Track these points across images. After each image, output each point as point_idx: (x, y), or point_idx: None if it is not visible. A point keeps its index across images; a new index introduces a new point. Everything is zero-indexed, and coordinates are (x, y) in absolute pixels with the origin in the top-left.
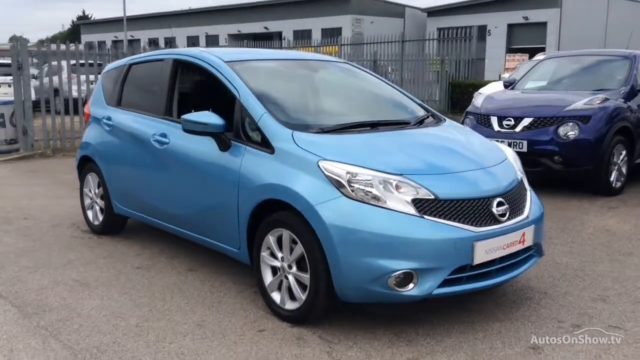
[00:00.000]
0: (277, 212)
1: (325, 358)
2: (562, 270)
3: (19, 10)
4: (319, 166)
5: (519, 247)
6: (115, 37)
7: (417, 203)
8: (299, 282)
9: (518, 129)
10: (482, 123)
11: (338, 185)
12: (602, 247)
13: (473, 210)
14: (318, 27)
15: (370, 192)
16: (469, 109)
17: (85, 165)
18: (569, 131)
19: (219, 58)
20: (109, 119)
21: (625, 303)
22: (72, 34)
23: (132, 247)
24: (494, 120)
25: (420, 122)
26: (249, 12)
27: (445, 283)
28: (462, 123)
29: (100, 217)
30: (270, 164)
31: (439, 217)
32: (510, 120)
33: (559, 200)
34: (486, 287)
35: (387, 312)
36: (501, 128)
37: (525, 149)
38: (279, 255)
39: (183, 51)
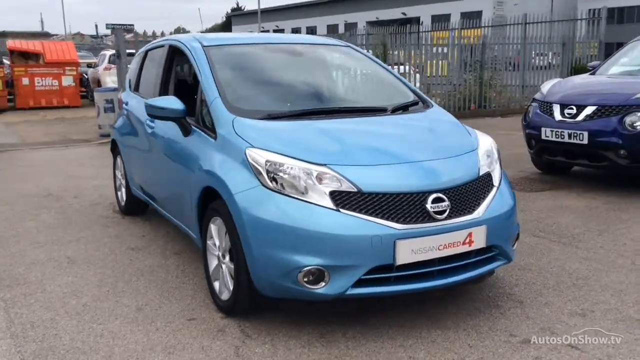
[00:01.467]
0: (215, 200)
1: (230, 352)
2: (562, 278)
3: (185, 4)
4: (245, 154)
5: (464, 248)
6: (262, 27)
7: (336, 196)
8: (230, 273)
9: (579, 118)
10: (544, 111)
11: (258, 173)
12: (632, 254)
13: (401, 205)
14: (457, 11)
15: (290, 182)
16: (536, 95)
17: (116, 148)
18: (636, 121)
19: (199, 42)
20: (127, 104)
21: (607, 320)
22: (227, 25)
23: (143, 228)
24: (556, 109)
25: (403, 109)
26: None
27: (365, 283)
28: (527, 110)
29: (125, 198)
30: (212, 150)
31: (359, 211)
32: (572, 109)
33: (622, 199)
34: (421, 290)
35: (342, 310)
36: (563, 117)
37: (586, 141)
38: (217, 244)
39: (176, 37)
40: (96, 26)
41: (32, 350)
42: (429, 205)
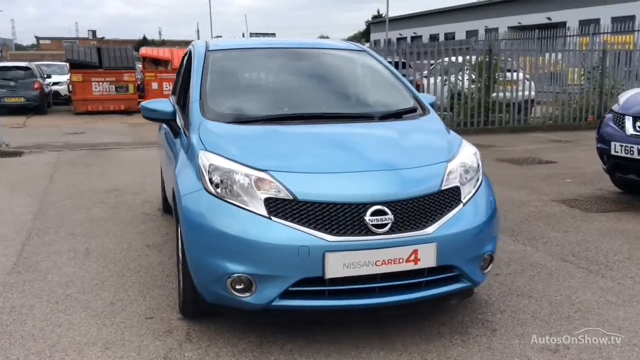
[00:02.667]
0: None
1: (160, 354)
2: (559, 309)
3: (331, 12)
4: (198, 156)
5: (409, 266)
6: (400, 34)
7: (271, 203)
8: None
9: None
10: (617, 124)
11: (202, 176)
12: None
13: (336, 216)
14: (607, 15)
15: (230, 187)
16: (613, 106)
17: None
18: None
19: (204, 47)
20: None
21: None
22: (366, 33)
23: (172, 226)
24: (629, 122)
25: (396, 116)
26: (530, 2)
27: (295, 295)
28: (601, 122)
29: (162, 196)
30: (182, 151)
31: (291, 220)
32: None
33: None
34: (358, 307)
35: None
36: (635, 131)
37: None
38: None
39: (194, 42)
40: (242, 35)
41: None
42: (367, 218)
